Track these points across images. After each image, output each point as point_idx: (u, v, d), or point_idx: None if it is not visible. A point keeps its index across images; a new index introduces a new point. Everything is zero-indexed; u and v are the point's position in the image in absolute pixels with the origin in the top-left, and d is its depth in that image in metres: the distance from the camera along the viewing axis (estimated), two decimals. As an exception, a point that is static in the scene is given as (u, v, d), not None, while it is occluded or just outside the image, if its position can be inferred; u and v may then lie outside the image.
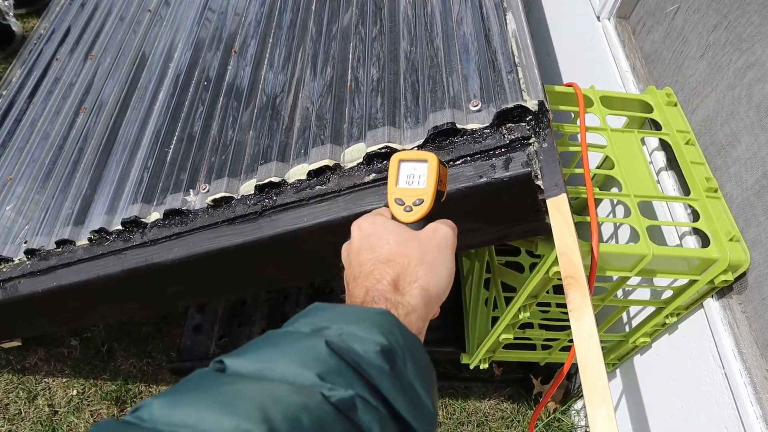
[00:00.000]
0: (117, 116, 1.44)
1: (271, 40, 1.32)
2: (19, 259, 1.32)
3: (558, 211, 0.72)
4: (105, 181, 1.30)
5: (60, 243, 1.24)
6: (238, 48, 1.36)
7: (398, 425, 0.38)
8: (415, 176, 0.58)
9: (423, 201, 0.56)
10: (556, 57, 1.74)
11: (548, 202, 0.74)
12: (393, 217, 0.57)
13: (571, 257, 0.68)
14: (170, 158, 1.20)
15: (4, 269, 1.34)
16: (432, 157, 0.58)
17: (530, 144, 0.80)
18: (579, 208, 1.40)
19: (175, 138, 1.24)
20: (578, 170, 1.04)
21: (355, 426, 0.35)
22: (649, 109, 1.18)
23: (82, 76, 1.70)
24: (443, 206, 0.59)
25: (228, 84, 1.27)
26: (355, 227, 0.56)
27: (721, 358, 1.03)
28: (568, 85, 1.16)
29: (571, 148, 1.11)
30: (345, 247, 0.57)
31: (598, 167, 1.31)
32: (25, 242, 1.33)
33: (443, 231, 0.54)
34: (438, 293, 0.51)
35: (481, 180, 0.80)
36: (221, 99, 1.24)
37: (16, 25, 2.65)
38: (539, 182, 0.77)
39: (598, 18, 1.46)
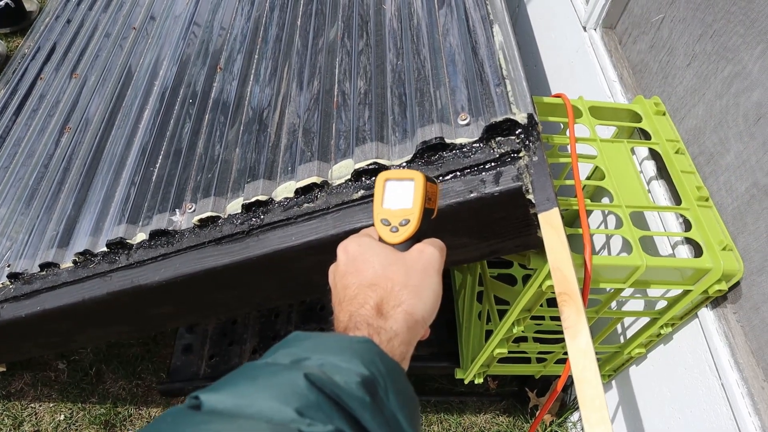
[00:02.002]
0: (102, 135, 1.42)
1: (257, 56, 1.31)
2: (2, 284, 1.29)
3: (550, 225, 0.71)
4: (90, 202, 1.28)
5: (44, 266, 1.22)
6: (224, 63, 1.34)
7: None
8: (401, 195, 0.57)
9: (409, 221, 0.55)
10: (543, 68, 1.74)
11: (540, 216, 0.73)
12: (380, 238, 0.55)
13: (565, 273, 0.67)
14: (156, 177, 1.18)
15: (-13, 294, 1.31)
16: (418, 176, 0.56)
17: (520, 158, 0.79)
18: (569, 219, 1.40)
19: (161, 156, 1.23)
20: (568, 182, 1.04)
21: None
22: (638, 118, 1.18)
23: (67, 94, 1.68)
24: (433, 222, 0.58)
25: (214, 100, 1.26)
26: (341, 249, 0.55)
27: (717, 369, 1.02)
28: (557, 96, 1.15)
29: (561, 160, 1.11)
30: (331, 269, 0.56)
31: (588, 178, 1.31)
32: (8, 266, 1.30)
33: (429, 252, 0.53)
34: (423, 317, 0.49)
35: (471, 195, 0.79)
36: (207, 115, 1.23)
37: (0, 45, 2.62)
38: (530, 196, 0.76)
39: (584, 28, 1.47)
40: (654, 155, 1.18)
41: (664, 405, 1.20)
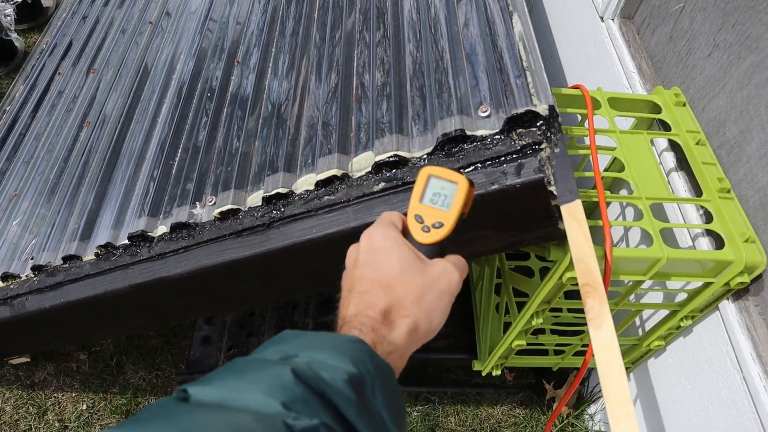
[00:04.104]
0: (121, 129, 1.43)
1: (274, 49, 1.31)
2: (26, 276, 1.32)
3: (573, 217, 0.71)
4: (110, 195, 1.29)
5: (67, 258, 1.24)
6: (242, 57, 1.35)
7: None
8: (441, 196, 0.55)
9: (443, 225, 0.54)
10: (559, 59, 1.72)
11: (562, 208, 0.73)
12: (407, 232, 0.54)
13: (588, 264, 0.66)
14: (176, 170, 1.19)
15: (12, 286, 1.33)
16: (463, 181, 0.55)
17: (542, 149, 0.79)
18: (587, 211, 1.39)
19: (180, 150, 1.24)
20: (587, 173, 1.03)
21: None
22: (657, 109, 1.16)
23: (85, 89, 1.70)
24: (460, 223, 0.56)
25: (232, 94, 1.27)
26: (366, 236, 0.54)
27: (738, 362, 1.02)
28: (575, 87, 1.15)
29: (580, 151, 1.10)
30: (352, 250, 0.56)
31: (606, 169, 1.30)
32: (32, 258, 1.32)
33: (451, 276, 0.52)
34: (425, 335, 0.50)
35: (493, 187, 0.79)
36: (225, 109, 1.24)
37: (18, 41, 2.65)
38: (552, 188, 0.76)
39: (602, 18, 1.45)
40: (674, 146, 1.17)
41: (684, 398, 1.20)
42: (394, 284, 0.50)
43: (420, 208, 0.55)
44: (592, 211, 1.45)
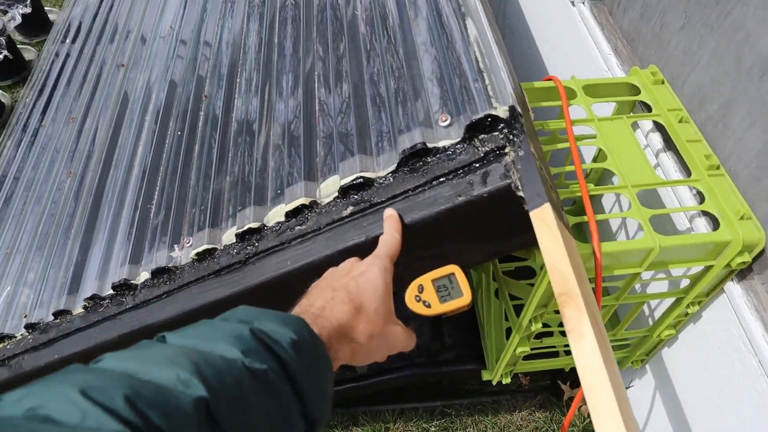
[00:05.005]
0: (101, 177, 1.42)
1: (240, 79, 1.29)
2: (21, 335, 1.31)
3: (543, 223, 0.67)
4: (95, 245, 1.28)
5: (57, 314, 1.22)
6: (208, 90, 1.33)
7: (298, 402, 0.48)
8: (446, 290, 0.69)
9: (430, 307, 0.68)
10: (537, 49, 1.68)
11: (531, 214, 0.69)
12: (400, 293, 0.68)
13: (563, 272, 0.63)
14: (153, 215, 1.18)
15: (8, 346, 1.32)
16: (468, 299, 0.68)
17: (506, 154, 0.75)
18: (580, 207, 1.35)
19: (156, 192, 1.22)
20: (570, 168, 0.99)
21: (266, 388, 0.45)
22: (636, 91, 1.12)
23: (66, 139, 1.69)
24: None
25: (201, 131, 1.25)
26: (371, 260, 0.66)
27: (752, 345, 0.96)
28: (548, 79, 1.11)
29: (560, 145, 1.06)
30: (353, 260, 0.68)
31: (595, 159, 1.25)
32: (25, 316, 1.31)
33: (404, 344, 0.64)
34: (349, 362, 0.60)
35: (461, 199, 0.76)
36: (196, 147, 1.22)
37: (4, 97, 2.68)
38: (521, 193, 0.72)
39: (573, 3, 1.41)
40: (659, 127, 1.13)
41: (703, 386, 1.14)
42: (365, 312, 0.60)
43: (428, 284, 0.69)
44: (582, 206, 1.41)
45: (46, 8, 3.02)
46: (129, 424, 0.35)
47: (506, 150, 0.75)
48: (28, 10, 2.75)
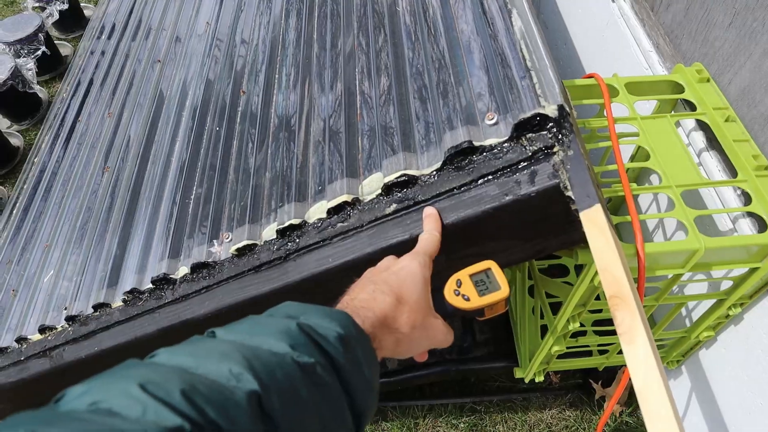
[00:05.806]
0: (138, 172, 1.44)
1: (278, 70, 1.30)
2: (62, 327, 1.34)
3: (593, 224, 0.66)
4: (133, 240, 1.30)
5: (97, 306, 1.25)
6: (246, 86, 1.34)
7: (346, 395, 0.49)
8: (484, 285, 0.69)
9: (469, 300, 0.68)
10: (573, 46, 1.66)
11: (582, 215, 0.69)
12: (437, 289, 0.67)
13: (615, 274, 0.62)
14: (191, 210, 1.19)
15: (50, 337, 1.36)
16: (505, 291, 0.69)
17: (554, 153, 0.74)
18: (616, 204, 1.33)
19: (194, 187, 1.23)
20: (611, 167, 0.98)
21: (315, 382, 0.46)
22: (679, 89, 1.10)
23: (103, 134, 1.72)
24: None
25: (239, 126, 1.26)
26: (410, 256, 0.68)
27: (798, 349, 0.95)
28: (589, 76, 1.09)
29: (600, 144, 1.04)
30: (391, 258, 0.70)
31: (632, 158, 1.24)
32: (65, 309, 1.34)
33: (443, 338, 0.65)
34: (391, 354, 0.61)
35: (507, 198, 0.75)
36: (234, 142, 1.23)
37: (41, 92, 2.73)
38: (569, 193, 0.72)
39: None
40: (702, 126, 1.11)
41: (742, 389, 1.12)
42: (406, 302, 0.61)
43: (465, 278, 0.70)
44: (621, 204, 1.39)
45: (81, 4, 3.07)
46: (187, 417, 0.37)
47: (555, 149, 0.74)
48: (65, 6, 2.80)
